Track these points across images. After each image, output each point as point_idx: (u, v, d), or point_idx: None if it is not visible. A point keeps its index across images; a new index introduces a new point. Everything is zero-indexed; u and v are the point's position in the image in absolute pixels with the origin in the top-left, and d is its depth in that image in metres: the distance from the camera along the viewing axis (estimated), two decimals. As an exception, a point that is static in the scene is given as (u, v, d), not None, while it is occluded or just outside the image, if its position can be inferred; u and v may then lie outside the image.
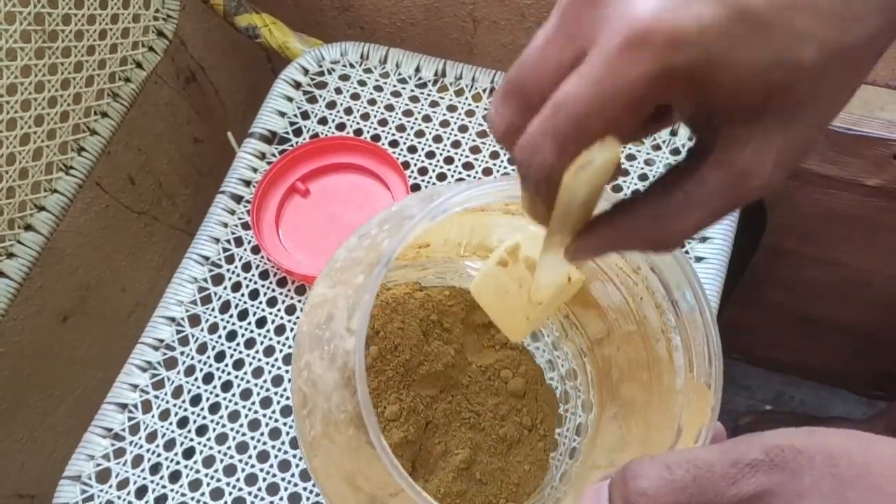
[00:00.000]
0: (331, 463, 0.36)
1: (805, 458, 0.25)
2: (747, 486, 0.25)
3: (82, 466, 0.59)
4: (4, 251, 0.61)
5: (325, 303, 0.36)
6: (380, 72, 0.73)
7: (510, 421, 0.46)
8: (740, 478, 0.25)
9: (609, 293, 0.41)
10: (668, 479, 0.26)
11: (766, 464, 0.25)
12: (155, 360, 0.62)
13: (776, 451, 0.25)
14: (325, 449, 0.35)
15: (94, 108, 0.66)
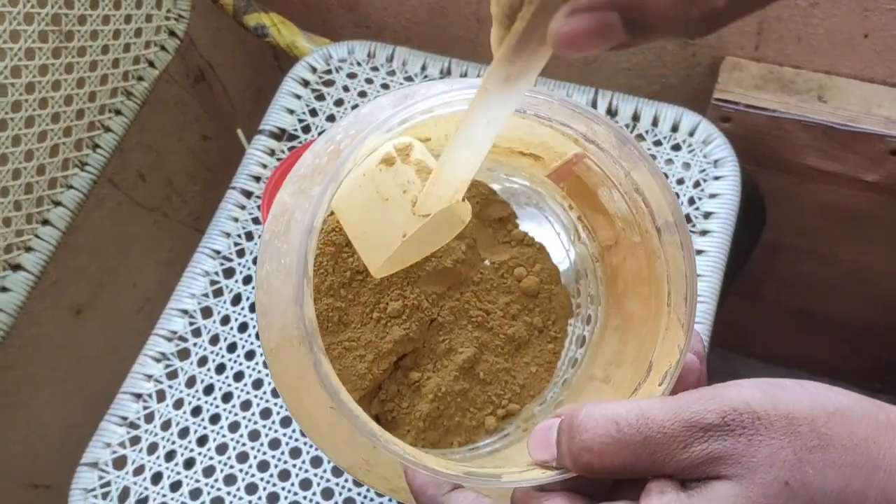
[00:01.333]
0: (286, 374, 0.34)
1: (764, 423, 0.24)
2: (699, 451, 0.24)
3: (99, 453, 0.61)
4: (23, 245, 0.62)
5: (284, 212, 0.33)
6: (386, 70, 0.75)
7: (520, 321, 0.44)
8: (692, 442, 0.24)
9: (615, 200, 0.39)
10: (616, 438, 0.25)
11: (722, 429, 0.24)
12: (168, 350, 0.64)
13: (733, 416, 0.24)
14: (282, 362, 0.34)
15: (109, 105, 0.67)
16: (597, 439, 0.25)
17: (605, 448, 0.25)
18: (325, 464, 0.59)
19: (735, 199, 0.66)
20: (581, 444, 0.26)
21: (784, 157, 0.78)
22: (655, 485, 0.25)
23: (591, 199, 0.41)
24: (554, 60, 0.89)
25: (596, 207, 0.41)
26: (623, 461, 0.25)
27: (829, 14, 0.73)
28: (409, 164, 0.32)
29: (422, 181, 0.31)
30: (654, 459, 0.25)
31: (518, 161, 0.43)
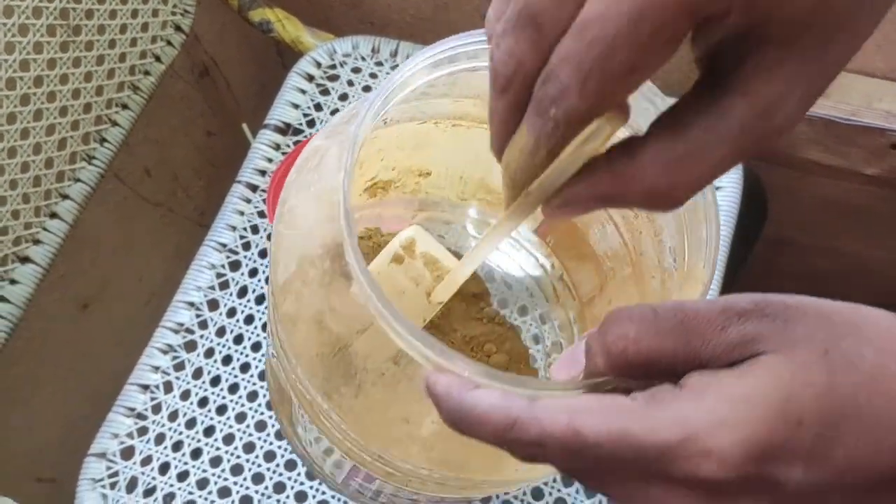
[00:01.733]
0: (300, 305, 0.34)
1: (796, 310, 0.24)
2: (736, 332, 0.24)
3: (107, 444, 0.61)
4: (31, 238, 0.63)
5: (317, 151, 0.34)
6: (391, 65, 0.75)
7: None
8: (729, 325, 0.24)
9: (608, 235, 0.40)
10: (652, 322, 0.24)
11: (757, 313, 0.24)
12: (175, 342, 0.64)
13: (766, 302, 0.24)
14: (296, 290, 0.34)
15: (115, 100, 0.68)
16: (633, 324, 0.24)
17: (642, 332, 0.24)
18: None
19: (737, 193, 0.66)
20: (617, 332, 0.24)
21: (785, 152, 0.79)
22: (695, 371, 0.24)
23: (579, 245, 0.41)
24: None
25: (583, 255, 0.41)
26: (660, 346, 0.24)
27: (830, 9, 0.73)
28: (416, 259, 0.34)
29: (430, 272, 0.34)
30: (690, 342, 0.24)
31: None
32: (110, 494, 0.60)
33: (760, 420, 0.22)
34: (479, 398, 0.25)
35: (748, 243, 0.88)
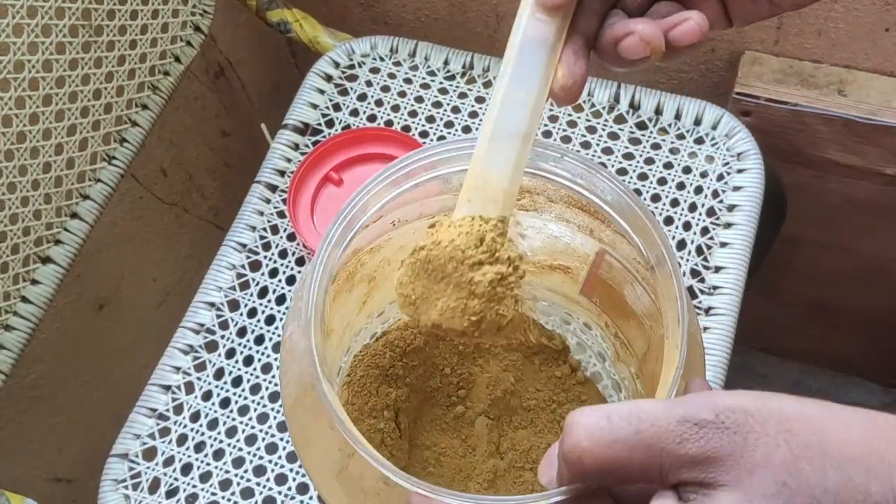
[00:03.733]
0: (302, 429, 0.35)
1: (757, 420, 0.23)
2: (694, 447, 0.23)
3: (129, 445, 0.61)
4: (52, 238, 0.63)
5: (303, 282, 0.35)
6: (409, 65, 0.75)
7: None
8: (687, 438, 0.23)
9: (639, 296, 0.41)
10: (607, 430, 0.24)
11: (716, 426, 0.23)
12: (196, 343, 0.64)
13: (727, 414, 0.23)
14: (298, 416, 0.35)
15: (136, 100, 0.68)
16: (587, 432, 0.24)
17: (596, 441, 0.24)
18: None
19: (759, 192, 0.66)
20: (572, 441, 0.24)
21: (804, 151, 0.79)
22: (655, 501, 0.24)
23: (621, 305, 0.42)
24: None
25: (626, 314, 0.42)
26: (615, 456, 0.24)
27: (849, 8, 0.73)
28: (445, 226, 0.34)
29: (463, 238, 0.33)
30: (648, 455, 0.24)
31: (551, 279, 0.45)
32: (133, 495, 0.60)
33: None
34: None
35: (766, 243, 0.88)
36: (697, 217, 0.66)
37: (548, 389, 0.47)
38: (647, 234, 0.35)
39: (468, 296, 0.32)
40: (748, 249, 0.64)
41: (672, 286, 0.33)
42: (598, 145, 0.70)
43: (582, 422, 0.24)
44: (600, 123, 0.70)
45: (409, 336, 0.47)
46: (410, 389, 0.46)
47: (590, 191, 0.37)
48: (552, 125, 0.71)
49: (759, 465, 0.23)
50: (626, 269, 0.41)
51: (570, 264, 0.45)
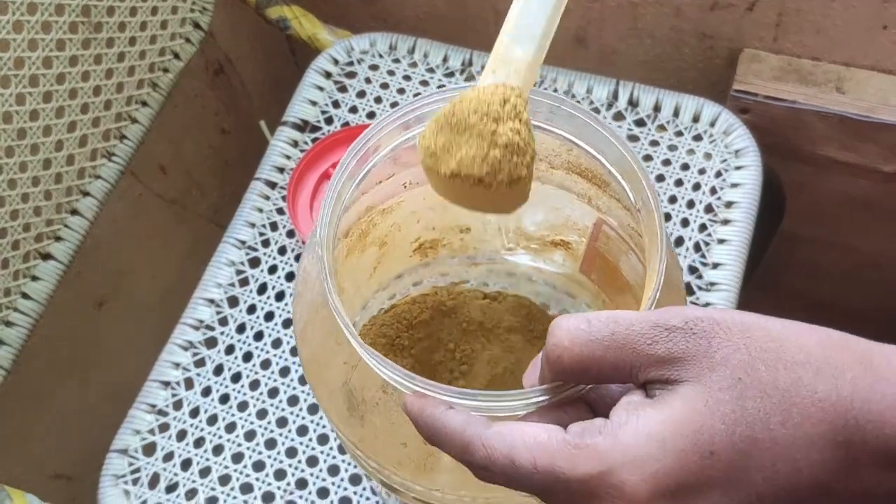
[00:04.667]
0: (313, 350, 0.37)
1: (722, 328, 0.26)
2: (663, 348, 0.26)
3: (129, 440, 0.61)
4: (52, 234, 0.63)
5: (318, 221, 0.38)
6: (408, 62, 0.75)
7: None
8: (657, 340, 0.26)
9: (634, 265, 0.42)
10: (585, 330, 0.27)
11: (684, 331, 0.26)
12: (196, 339, 0.65)
13: (695, 321, 0.26)
14: (309, 338, 0.37)
15: (135, 97, 0.68)
16: (568, 333, 0.27)
17: (575, 341, 0.27)
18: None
19: (756, 189, 0.67)
20: (553, 341, 0.27)
21: (802, 148, 0.79)
22: (624, 398, 0.27)
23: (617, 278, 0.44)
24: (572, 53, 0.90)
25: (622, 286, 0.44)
26: (591, 354, 0.27)
27: (848, 6, 0.73)
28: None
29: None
30: (621, 354, 0.27)
31: (553, 256, 0.48)
32: (133, 490, 0.60)
33: (671, 455, 0.25)
34: (446, 419, 0.29)
35: (764, 240, 0.88)
36: (695, 214, 0.66)
37: None
38: (634, 179, 0.36)
39: (490, 145, 0.32)
40: (746, 246, 0.64)
41: (654, 221, 0.34)
42: (597, 142, 0.70)
43: (564, 325, 0.27)
44: (599, 120, 0.71)
45: (416, 310, 0.49)
46: (415, 360, 0.47)
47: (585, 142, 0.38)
48: (551, 122, 0.71)
49: (718, 364, 0.26)
50: (622, 238, 0.42)
51: (570, 239, 0.46)
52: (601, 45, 0.86)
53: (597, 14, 0.82)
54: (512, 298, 0.51)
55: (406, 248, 0.49)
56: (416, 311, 0.49)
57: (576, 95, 0.72)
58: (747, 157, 0.68)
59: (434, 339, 0.50)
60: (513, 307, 0.50)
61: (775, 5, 0.75)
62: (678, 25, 0.80)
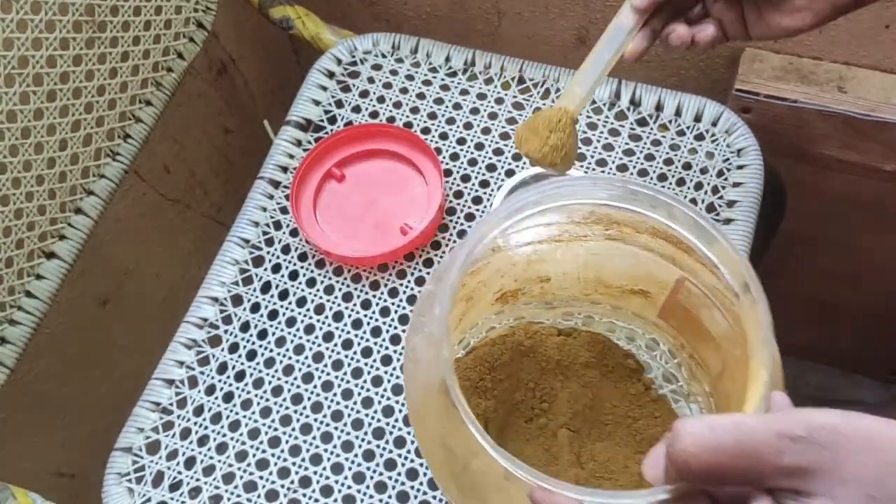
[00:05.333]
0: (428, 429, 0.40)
1: (845, 438, 0.27)
2: (790, 459, 0.27)
3: (133, 439, 0.61)
4: (57, 233, 0.63)
5: (428, 296, 0.42)
6: (411, 61, 0.76)
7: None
8: (783, 450, 0.27)
9: (717, 320, 0.44)
10: (710, 438, 0.27)
11: (809, 442, 0.27)
12: (200, 337, 0.65)
13: (819, 431, 0.27)
14: (423, 417, 0.40)
15: (139, 96, 0.68)
16: (693, 440, 0.28)
17: (701, 447, 0.27)
18: (356, 448, 0.60)
19: (758, 188, 0.67)
20: (680, 446, 0.28)
21: (804, 147, 0.79)
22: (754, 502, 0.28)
23: (698, 328, 0.46)
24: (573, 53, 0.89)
25: (703, 336, 0.46)
26: (718, 462, 0.27)
27: (850, 5, 0.73)
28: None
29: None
30: (748, 463, 0.27)
31: (631, 302, 0.50)
32: (136, 489, 0.60)
33: None
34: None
35: (765, 239, 0.88)
36: (697, 213, 0.66)
37: (624, 405, 0.51)
38: (733, 265, 0.38)
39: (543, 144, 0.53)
40: (748, 245, 0.65)
41: (757, 311, 0.37)
42: (599, 142, 0.70)
43: (688, 429, 0.28)
44: (601, 120, 0.71)
45: (496, 352, 0.52)
46: (497, 401, 0.50)
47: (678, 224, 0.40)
48: (553, 121, 0.71)
49: (849, 479, 0.27)
50: (706, 296, 0.44)
51: (650, 289, 0.48)
52: (603, 44, 0.86)
53: (598, 14, 0.83)
54: (586, 334, 0.53)
55: (489, 299, 0.52)
56: (496, 353, 0.52)
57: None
58: (749, 156, 0.68)
59: (514, 378, 0.52)
60: (587, 342, 0.52)
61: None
62: (680, 25, 0.80)
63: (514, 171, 0.69)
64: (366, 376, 0.62)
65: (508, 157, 0.70)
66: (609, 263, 0.48)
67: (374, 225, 0.68)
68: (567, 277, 0.50)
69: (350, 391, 0.62)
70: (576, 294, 0.52)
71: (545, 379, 0.51)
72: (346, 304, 0.65)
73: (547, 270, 0.50)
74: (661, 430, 0.50)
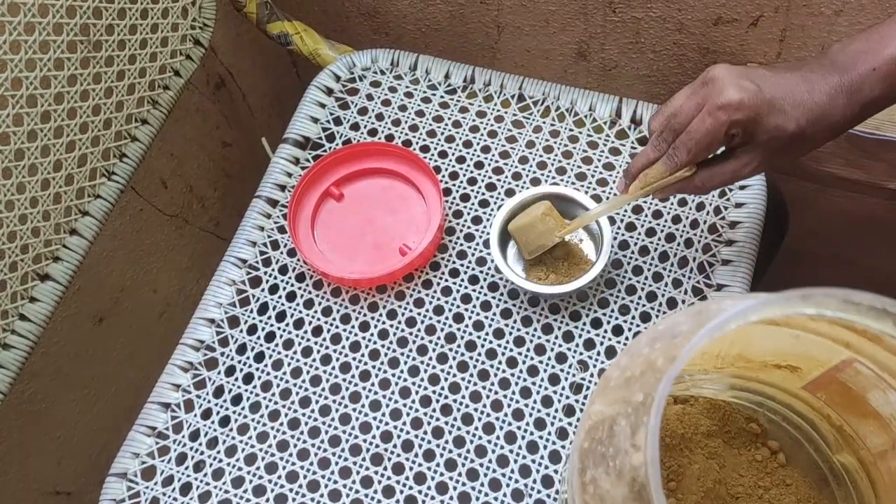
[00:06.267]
0: None
1: None
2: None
3: (128, 464, 0.61)
4: (51, 255, 0.63)
5: (604, 420, 0.38)
6: (410, 78, 0.75)
7: None
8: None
9: (890, 402, 0.41)
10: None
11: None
12: (196, 360, 0.64)
13: None
14: None
15: (135, 115, 0.67)
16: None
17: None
18: (353, 475, 0.59)
19: (761, 209, 0.66)
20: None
21: (807, 165, 0.78)
22: None
23: (859, 404, 0.43)
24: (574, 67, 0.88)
25: (864, 413, 0.43)
26: None
27: (853, 22, 0.72)
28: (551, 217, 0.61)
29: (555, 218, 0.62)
30: None
31: (771, 374, 0.47)
32: (131, 514, 0.59)
33: None
34: None
35: (768, 256, 0.87)
36: (700, 234, 0.65)
37: (751, 474, 0.48)
38: None
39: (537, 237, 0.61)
40: (750, 267, 0.64)
41: None
42: (600, 161, 0.69)
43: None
44: (602, 139, 0.70)
45: None
46: None
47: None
48: (553, 140, 0.70)
49: None
50: (881, 378, 0.40)
51: (802, 366, 0.45)
52: (603, 59, 0.85)
53: (599, 29, 0.82)
54: (704, 401, 0.50)
55: None
56: None
57: (578, 113, 0.71)
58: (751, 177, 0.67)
59: None
60: (706, 409, 0.49)
61: (779, 21, 0.75)
62: (681, 41, 0.80)
63: (514, 190, 0.69)
64: (364, 401, 0.61)
65: (508, 176, 0.69)
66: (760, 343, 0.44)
67: (372, 245, 0.67)
68: (705, 355, 0.47)
69: (348, 416, 0.61)
70: (706, 367, 0.49)
71: (671, 456, 0.49)
72: (344, 326, 0.64)
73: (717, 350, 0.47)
74: (795, 499, 0.48)
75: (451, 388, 0.61)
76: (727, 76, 0.49)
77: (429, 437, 0.59)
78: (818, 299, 0.36)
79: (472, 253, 0.66)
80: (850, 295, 0.36)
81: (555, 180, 0.68)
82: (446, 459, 0.59)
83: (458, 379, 0.61)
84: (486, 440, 0.59)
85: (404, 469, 0.59)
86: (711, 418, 0.49)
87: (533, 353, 0.62)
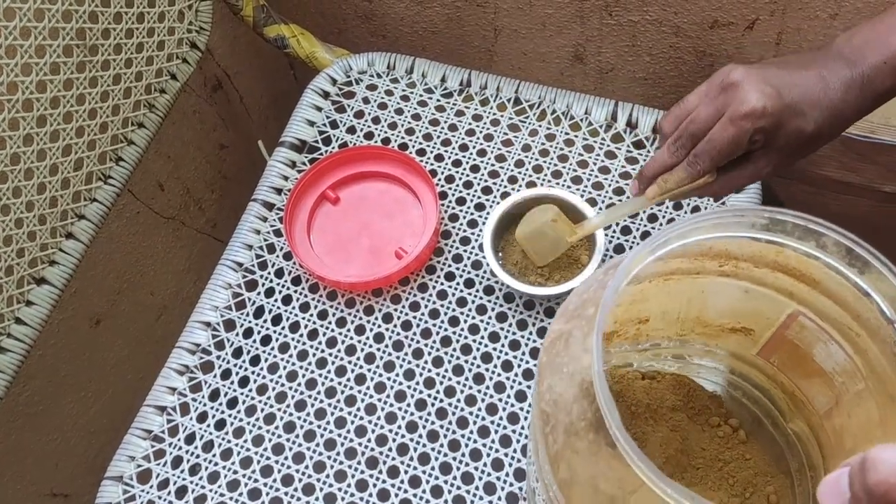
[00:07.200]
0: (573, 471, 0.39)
1: None
2: None
3: (124, 467, 0.61)
4: (47, 259, 0.63)
5: (561, 335, 0.41)
6: (406, 82, 0.75)
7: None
8: None
9: (832, 354, 0.43)
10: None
11: None
12: (192, 363, 0.64)
13: None
14: (567, 459, 0.38)
15: (132, 118, 0.67)
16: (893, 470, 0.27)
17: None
18: (349, 479, 0.59)
19: (756, 212, 0.66)
20: (878, 477, 0.27)
21: (802, 168, 0.78)
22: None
23: (806, 364, 0.45)
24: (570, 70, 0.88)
25: (811, 372, 0.45)
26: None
27: (849, 25, 0.73)
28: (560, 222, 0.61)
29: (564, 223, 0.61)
30: None
31: (727, 340, 0.49)
32: (127, 517, 0.59)
33: None
34: None
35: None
36: (695, 237, 0.66)
37: (712, 448, 0.50)
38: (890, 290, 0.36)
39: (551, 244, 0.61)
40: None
41: None
42: (595, 164, 0.69)
43: (886, 459, 0.27)
44: (597, 142, 0.70)
45: None
46: None
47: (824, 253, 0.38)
48: (549, 143, 0.70)
49: None
50: (822, 330, 0.42)
51: (754, 326, 0.47)
52: (599, 62, 0.85)
53: (595, 32, 0.82)
54: (670, 377, 0.51)
55: None
56: None
57: (574, 117, 0.72)
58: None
59: None
60: (672, 386, 0.51)
61: (776, 24, 0.75)
62: (677, 44, 0.80)
63: (510, 193, 0.69)
64: (359, 404, 0.61)
65: (504, 180, 0.69)
66: (714, 301, 0.46)
67: (368, 248, 0.67)
68: (666, 317, 0.49)
69: (343, 419, 0.61)
70: (669, 335, 0.50)
71: (636, 423, 0.50)
72: (340, 329, 0.64)
73: (648, 310, 0.48)
74: (752, 473, 0.49)
75: (446, 391, 0.61)
76: (747, 81, 0.48)
77: (424, 440, 0.60)
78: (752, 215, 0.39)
79: (467, 256, 0.66)
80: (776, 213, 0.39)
81: (551, 183, 0.69)
82: (441, 463, 0.59)
83: (454, 382, 0.61)
84: (482, 444, 0.59)
85: (399, 472, 0.59)
86: (676, 394, 0.50)
87: (528, 356, 0.62)
